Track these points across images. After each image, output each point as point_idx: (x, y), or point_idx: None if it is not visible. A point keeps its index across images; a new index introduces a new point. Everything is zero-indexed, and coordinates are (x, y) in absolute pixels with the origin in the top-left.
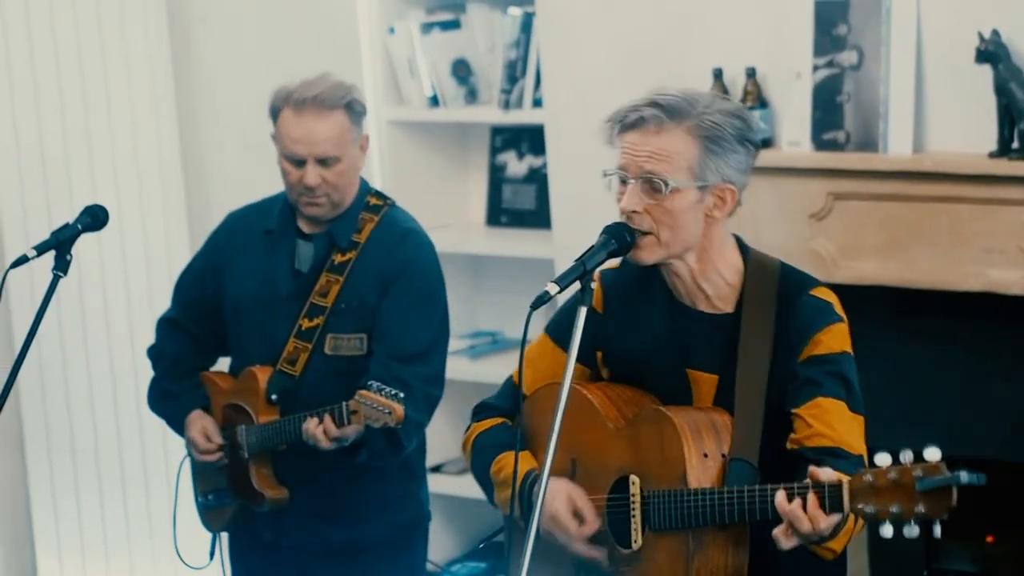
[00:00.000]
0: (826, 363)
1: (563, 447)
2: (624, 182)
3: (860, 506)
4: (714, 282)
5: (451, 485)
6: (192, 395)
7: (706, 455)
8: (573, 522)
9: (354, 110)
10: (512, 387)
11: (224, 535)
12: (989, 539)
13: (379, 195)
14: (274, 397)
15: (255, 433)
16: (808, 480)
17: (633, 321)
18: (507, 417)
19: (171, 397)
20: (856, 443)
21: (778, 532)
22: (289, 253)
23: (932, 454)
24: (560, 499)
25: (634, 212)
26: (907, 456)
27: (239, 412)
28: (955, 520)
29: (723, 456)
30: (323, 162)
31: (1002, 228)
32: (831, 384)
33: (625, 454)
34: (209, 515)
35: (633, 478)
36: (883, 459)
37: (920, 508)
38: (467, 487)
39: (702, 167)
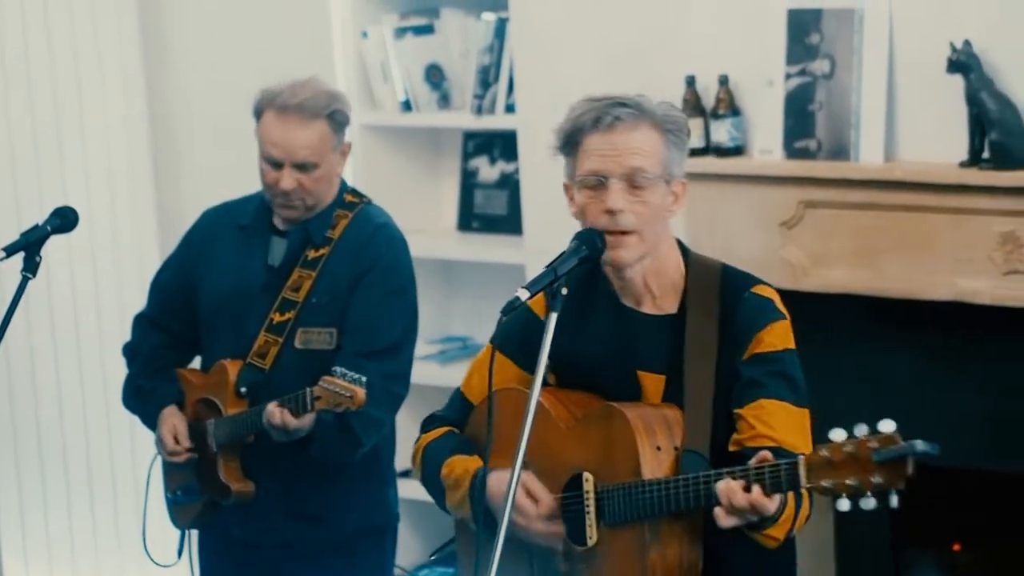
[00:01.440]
0: (768, 362)
1: (514, 450)
2: (596, 186)
3: (818, 482)
4: (660, 282)
5: (419, 490)
6: (165, 391)
7: (659, 448)
8: (528, 502)
9: (336, 120)
10: (460, 398)
11: (194, 533)
12: (956, 547)
13: (356, 193)
14: (243, 390)
15: (223, 426)
16: (764, 461)
17: (580, 326)
18: (455, 427)
19: (144, 394)
20: (798, 441)
21: (718, 510)
22: (263, 248)
23: (887, 426)
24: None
25: (620, 211)
26: (861, 429)
27: (209, 406)
28: (923, 528)
29: (676, 449)
30: (301, 167)
31: (972, 238)
32: (773, 384)
33: (577, 452)
34: (178, 511)
35: (586, 475)
36: (838, 434)
37: (877, 479)
38: None
39: (668, 161)
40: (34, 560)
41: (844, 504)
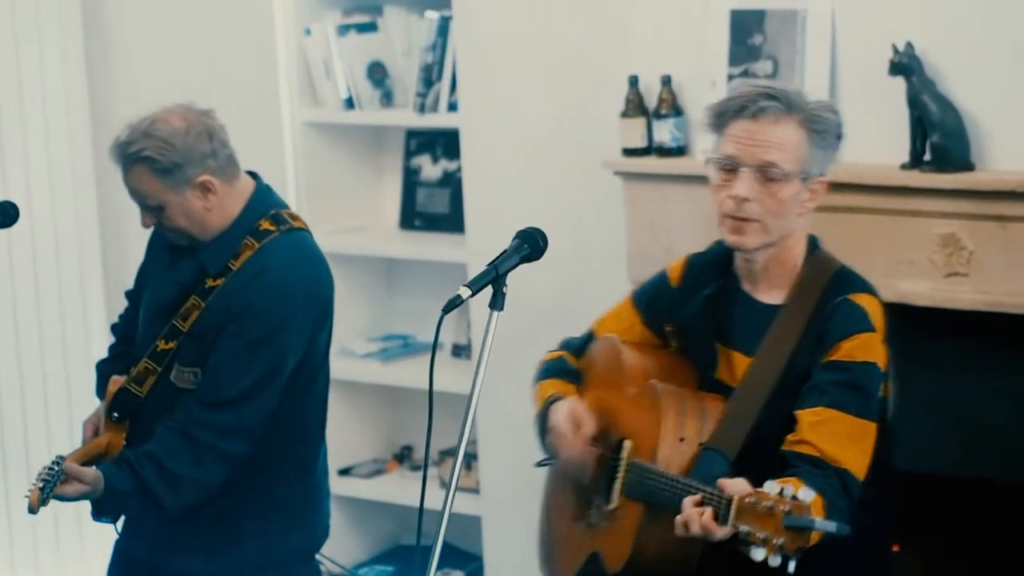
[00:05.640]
0: (841, 371)
1: (596, 397)
2: (731, 170)
3: (739, 524)
4: (778, 272)
5: (360, 488)
6: (101, 389)
7: (682, 439)
8: (569, 425)
9: (144, 161)
10: (590, 332)
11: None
12: (895, 548)
13: (278, 219)
14: (115, 415)
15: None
16: (719, 488)
17: (695, 295)
18: (572, 353)
19: (97, 387)
20: (847, 454)
21: (677, 519)
22: (184, 266)
23: (806, 495)
24: (561, 413)
25: (745, 200)
26: (788, 491)
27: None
28: (861, 528)
29: (700, 445)
30: (151, 209)
31: (913, 240)
32: (838, 393)
33: (629, 419)
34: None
35: (627, 443)
36: (771, 487)
37: (779, 540)
38: (375, 490)
39: (809, 159)
40: None
41: (758, 553)
